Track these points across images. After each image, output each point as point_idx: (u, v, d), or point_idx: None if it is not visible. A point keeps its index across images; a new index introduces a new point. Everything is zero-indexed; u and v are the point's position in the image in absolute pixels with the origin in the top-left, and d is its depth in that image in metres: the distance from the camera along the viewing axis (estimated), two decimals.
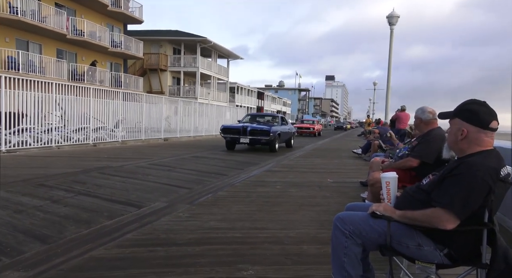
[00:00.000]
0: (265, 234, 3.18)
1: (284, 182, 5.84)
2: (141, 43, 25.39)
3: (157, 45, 29.89)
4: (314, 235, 3.18)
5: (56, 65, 18.28)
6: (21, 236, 2.87)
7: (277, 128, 10.95)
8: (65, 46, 20.05)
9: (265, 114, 13.95)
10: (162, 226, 3.29)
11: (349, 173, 7.23)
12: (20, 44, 17.42)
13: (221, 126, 11.06)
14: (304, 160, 9.32)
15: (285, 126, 12.28)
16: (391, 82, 14.48)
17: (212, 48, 31.90)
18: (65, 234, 2.98)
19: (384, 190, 1.98)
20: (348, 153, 11.72)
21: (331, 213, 3.86)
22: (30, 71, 16.34)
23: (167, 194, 4.65)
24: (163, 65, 29.06)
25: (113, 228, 3.19)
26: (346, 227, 1.80)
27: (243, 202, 4.34)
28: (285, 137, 12.07)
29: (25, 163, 6.92)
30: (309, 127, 23.87)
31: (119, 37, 23.16)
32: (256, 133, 10.51)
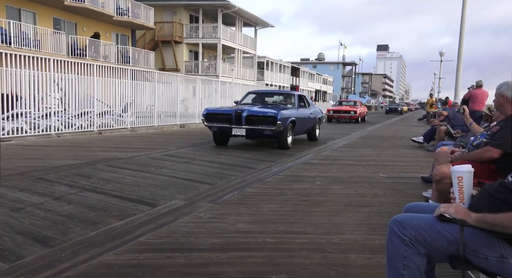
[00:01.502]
0: (303, 239, 3.20)
1: (325, 177, 5.83)
2: (152, 9, 25.77)
3: (171, 12, 30.21)
4: (363, 242, 3.17)
5: (53, 37, 18.94)
6: (19, 238, 3.04)
7: (290, 113, 8.97)
8: (63, 14, 20.70)
9: (275, 92, 12.16)
10: (180, 228, 3.37)
11: (407, 166, 7.13)
12: (11, 12, 18.16)
13: (204, 110, 9.11)
14: (349, 150, 9.24)
15: (304, 110, 10.21)
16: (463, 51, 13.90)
17: (237, 14, 31.83)
18: (70, 236, 3.12)
19: (455, 187, 1.93)
20: (405, 141, 11.48)
21: (385, 215, 3.84)
22: (23, 45, 17.04)
23: (185, 190, 4.76)
24: (177, 37, 29.38)
25: (124, 229, 3.31)
26: (406, 233, 1.78)
27: (275, 201, 4.38)
28: (305, 126, 10.16)
29: (21, 153, 7.29)
30: (349, 110, 22.31)
31: (126, 3, 23.61)
32: (255, 122, 8.50)
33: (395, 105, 49.60)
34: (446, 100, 14.04)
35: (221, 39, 29.95)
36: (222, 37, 30.00)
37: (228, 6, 29.47)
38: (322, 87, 67.95)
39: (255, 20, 34.81)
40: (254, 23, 35.50)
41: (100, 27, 22.69)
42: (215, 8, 29.70)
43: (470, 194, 1.90)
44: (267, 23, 35.88)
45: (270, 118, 8.41)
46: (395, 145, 10.76)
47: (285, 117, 8.62)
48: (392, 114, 40.83)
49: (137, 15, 24.44)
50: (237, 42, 32.73)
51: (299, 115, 9.53)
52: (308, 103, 10.91)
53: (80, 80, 11.11)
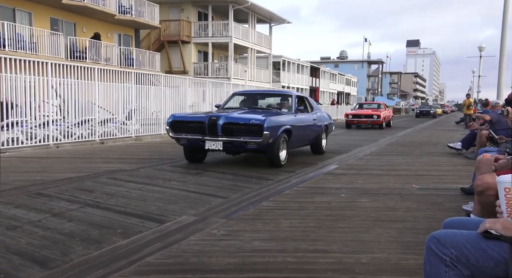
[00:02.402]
0: (328, 258, 3.17)
1: (351, 188, 5.81)
2: (157, 7, 26.15)
3: (177, 9, 30.60)
4: (396, 262, 3.13)
5: (51, 39, 19.36)
6: (16, 259, 3.08)
7: (284, 120, 7.73)
8: (60, 14, 21.16)
9: (267, 92, 10.97)
10: (191, 247, 3.38)
11: (443, 175, 7.06)
12: (5, 13, 18.63)
13: (170, 117, 7.98)
14: (377, 159, 9.18)
15: (305, 115, 9.03)
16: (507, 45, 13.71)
17: (249, 10, 32.08)
18: (71, 257, 3.15)
19: (502, 199, 1.91)
20: (441, 147, 11.35)
21: (420, 232, 3.80)
22: (18, 48, 17.45)
23: (196, 204, 4.78)
24: (185, 36, 29.72)
25: (129, 248, 3.33)
26: (446, 252, 1.76)
27: (296, 216, 4.37)
28: (306, 135, 8.95)
29: (17, 166, 7.43)
30: (370, 114, 21.02)
31: (129, 0, 24.01)
32: (235, 131, 7.19)
33: (427, 108, 48.06)
34: (486, 102, 13.83)
35: (233, 37, 30.17)
36: (233, 35, 30.22)
37: (240, 1, 29.70)
38: (345, 88, 67.79)
39: (269, 16, 35.00)
40: (269, 19, 35.70)
41: (101, 27, 23.11)
42: (225, 3, 29.96)
43: None
44: (283, 19, 36.05)
45: (255, 127, 7.04)
46: (429, 152, 10.65)
47: (276, 125, 7.30)
48: (424, 118, 39.84)
49: (141, 13, 24.83)
50: (250, 40, 32.93)
51: (297, 122, 8.27)
52: (312, 107, 9.74)
53: (80, 85, 11.30)
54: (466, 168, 7.59)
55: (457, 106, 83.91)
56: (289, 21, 36.64)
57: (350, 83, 70.83)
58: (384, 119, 21.26)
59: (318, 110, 10.11)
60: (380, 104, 24.13)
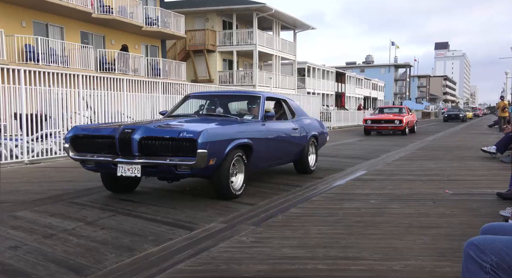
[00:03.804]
0: (359, 266, 3.14)
1: (380, 194, 5.73)
2: (182, 17, 26.56)
3: (202, 19, 31.01)
4: (431, 269, 3.06)
5: (81, 52, 19.90)
6: (52, 266, 3.15)
7: (236, 132, 5.54)
8: (90, 27, 21.74)
9: (229, 94, 8.42)
10: (221, 254, 3.40)
11: (478, 180, 6.90)
12: (39, 28, 19.27)
13: (70, 131, 5.61)
14: (408, 164, 9.02)
15: (279, 124, 6.95)
16: None
17: (273, 17, 32.23)
18: (104, 264, 3.21)
19: None
20: (474, 151, 11.07)
21: (455, 238, 3.71)
22: (51, 62, 18.00)
23: (225, 212, 4.81)
24: (210, 45, 30.06)
25: (160, 255, 3.37)
26: (486, 258, 1.71)
27: (325, 222, 4.34)
28: (283, 151, 6.89)
29: (51, 176, 7.63)
30: (392, 119, 19.28)
31: (155, 12, 24.49)
32: (159, 150, 5.02)
33: (456, 111, 44.34)
34: None
35: (257, 45, 30.33)
36: (258, 43, 30.38)
37: (264, 9, 29.87)
38: (371, 93, 67.11)
39: (293, 23, 35.05)
40: (293, 26, 35.75)
41: (129, 39, 23.61)
42: (250, 12, 30.19)
43: None
44: (307, 25, 36.04)
45: (186, 142, 4.83)
46: (462, 156, 10.40)
47: (221, 139, 5.09)
48: (453, 122, 37.78)
49: (167, 24, 25.25)
50: (274, 47, 33.03)
51: (264, 133, 6.17)
52: (293, 113, 7.56)
53: (109, 96, 11.55)
54: (501, 172, 7.39)
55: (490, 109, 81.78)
56: (313, 27, 36.58)
57: (376, 88, 70.06)
58: (407, 125, 19.56)
59: (304, 116, 8.00)
60: (402, 108, 22.36)
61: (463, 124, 34.04)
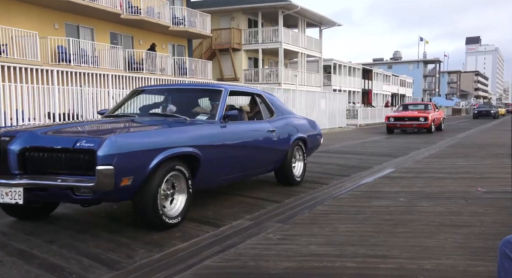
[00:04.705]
0: (389, 264, 3.10)
1: (410, 192, 5.63)
2: (208, 17, 26.71)
3: (228, 17, 31.12)
4: (463, 269, 3.00)
5: (111, 52, 20.28)
6: (85, 261, 3.25)
7: (186, 136, 4.36)
8: (119, 28, 22.13)
9: (184, 87, 6.58)
10: (248, 251, 3.42)
11: None
12: (70, 30, 19.74)
13: None
14: (438, 161, 8.83)
15: (245, 126, 5.56)
16: None
17: (299, 14, 32.04)
18: (135, 259, 3.29)
19: None
20: (507, 149, 10.75)
21: (488, 237, 3.62)
22: (82, 63, 18.41)
23: (251, 209, 4.83)
24: (236, 44, 30.14)
25: (188, 251, 3.42)
26: None
27: (353, 220, 4.30)
28: (253, 160, 5.46)
29: None
30: (416, 117, 18.23)
31: (182, 11, 24.71)
32: (48, 166, 3.64)
33: (487, 107, 41.82)
34: None
35: (283, 43, 30.24)
36: (283, 40, 30.28)
37: (290, 7, 29.75)
38: (399, 90, 65.97)
39: (319, 20, 34.77)
40: (319, 23, 35.46)
41: (156, 38, 23.90)
42: (275, 9, 30.11)
43: None
44: (333, 22, 35.68)
45: (83, 155, 3.52)
46: (495, 153, 10.11)
47: (137, 150, 3.71)
48: (485, 119, 35.87)
49: (193, 23, 25.44)
50: (300, 45, 32.86)
51: (221, 139, 4.74)
52: (271, 111, 6.14)
53: None
54: None
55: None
56: (339, 24, 36.19)
57: (404, 84, 68.83)
58: (433, 122, 18.44)
59: (288, 115, 6.54)
60: (428, 105, 21.04)
61: (495, 121, 33.02)
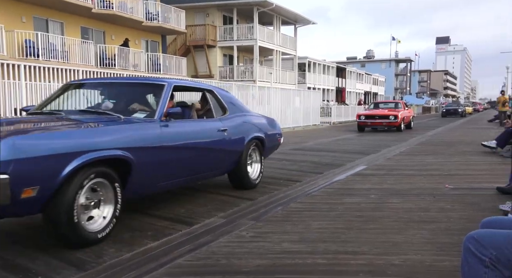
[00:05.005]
0: (359, 260, 3.14)
1: (380, 189, 5.72)
2: (183, 13, 26.46)
3: (203, 14, 30.92)
4: (430, 263, 3.07)
5: (81, 47, 19.84)
6: (53, 261, 3.16)
7: (115, 137, 3.75)
8: (90, 23, 21.68)
9: (122, 81, 5.74)
10: (221, 249, 3.40)
11: (478, 175, 6.88)
12: (39, 23, 19.21)
13: None
14: (408, 158, 9.00)
15: (196, 125, 5.13)
16: None
17: (274, 12, 32.12)
18: (104, 258, 3.22)
19: None
20: (475, 146, 11.04)
21: (455, 233, 3.71)
22: (51, 58, 17.96)
23: (224, 206, 4.80)
24: (210, 40, 29.99)
25: (160, 250, 3.37)
26: (486, 252, 1.71)
27: (325, 217, 4.33)
28: (203, 162, 5.00)
29: None
30: (387, 115, 18.46)
31: (155, 7, 24.40)
32: None
33: (454, 106, 42.42)
34: None
35: (258, 40, 30.25)
36: (258, 38, 30.30)
37: (265, 4, 29.79)
38: (372, 88, 66.99)
39: (294, 18, 34.94)
40: (294, 21, 35.64)
41: (129, 34, 23.53)
42: (250, 7, 30.10)
43: None
44: (308, 20, 35.92)
45: None
46: (463, 151, 10.38)
47: (45, 155, 3.13)
48: (453, 117, 36.49)
49: (167, 19, 25.17)
50: (275, 42, 32.94)
51: (159, 140, 4.18)
52: (223, 108, 5.60)
53: None
54: (501, 167, 7.35)
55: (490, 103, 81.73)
56: (314, 22, 36.45)
57: (377, 82, 69.93)
58: (403, 121, 18.70)
59: (244, 113, 6.01)
60: (398, 103, 21.34)
61: (463, 119, 33.91)
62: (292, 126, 21.25)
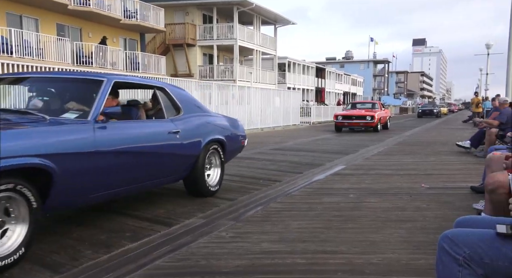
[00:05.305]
0: (338, 260, 3.17)
1: (359, 189, 5.79)
2: (162, 11, 26.24)
3: (182, 12, 30.72)
4: (406, 262, 3.13)
5: (57, 45, 19.46)
6: (27, 265, 3.09)
7: (32, 143, 3.10)
8: (67, 20, 21.30)
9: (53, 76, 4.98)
10: (200, 250, 3.39)
11: (453, 174, 7.01)
12: (12, 19, 18.77)
13: None
14: (385, 158, 9.13)
15: (140, 127, 4.55)
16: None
17: (254, 12, 32.14)
18: (81, 261, 3.16)
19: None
20: (450, 146, 11.28)
21: (430, 231, 3.78)
22: (25, 55, 17.57)
23: (204, 207, 4.78)
24: (190, 39, 29.82)
25: (139, 252, 3.34)
26: (459, 251, 1.75)
27: (304, 217, 4.36)
28: (150, 169, 4.45)
29: None
30: (363, 115, 18.52)
31: (134, 5, 24.12)
32: None
33: (430, 107, 43.05)
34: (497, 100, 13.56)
35: (238, 39, 30.23)
36: (238, 37, 30.28)
37: (245, 4, 29.78)
38: (351, 89, 67.68)
39: (274, 18, 35.02)
40: (274, 21, 35.72)
41: (107, 32, 23.22)
42: (230, 6, 30.05)
43: None
44: (287, 20, 36.05)
45: None
46: (438, 151, 10.58)
47: None
48: (428, 118, 37.04)
49: (146, 17, 24.93)
50: (255, 42, 32.97)
51: (92, 144, 3.61)
52: (177, 108, 5.05)
53: None
54: (475, 166, 7.53)
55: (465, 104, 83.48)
56: (294, 22, 36.61)
57: (356, 83, 70.68)
58: (379, 121, 18.75)
59: (201, 113, 5.50)
60: (375, 104, 21.43)
61: (438, 120, 34.48)
62: (272, 126, 21.31)
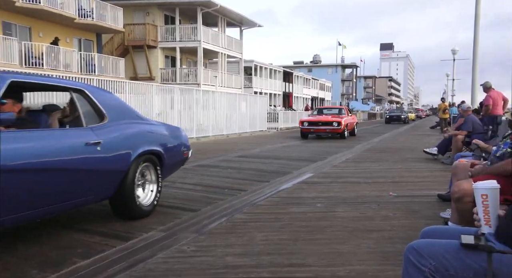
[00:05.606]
0: (304, 273, 3.18)
1: (326, 198, 5.83)
2: (120, 10, 25.88)
3: (143, 12, 30.39)
4: (374, 274, 3.17)
5: (3, 44, 18.83)
6: None
7: None
8: (15, 18, 20.67)
9: None
10: (159, 266, 3.32)
11: (420, 182, 7.17)
12: None
13: None
14: (354, 166, 9.27)
15: (45, 137, 3.81)
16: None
17: (219, 13, 32.15)
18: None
19: (479, 206, 1.94)
20: (417, 153, 11.56)
21: (398, 242, 3.85)
22: None
23: (164, 219, 4.71)
24: (151, 40, 29.51)
25: (90, 270, 3.24)
26: (425, 262, 1.79)
27: (270, 228, 4.36)
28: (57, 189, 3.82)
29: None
30: (330, 121, 18.45)
31: (89, 3, 23.69)
32: None
33: (398, 112, 44.10)
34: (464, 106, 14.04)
35: (202, 41, 30.14)
36: (202, 39, 30.19)
37: (209, 5, 29.74)
38: (319, 93, 68.57)
39: (240, 20, 35.15)
40: (239, 23, 35.84)
41: (60, 31, 22.67)
42: (193, 6, 29.95)
43: (496, 214, 1.90)
44: (254, 23, 36.26)
45: None
46: (406, 158, 10.83)
47: None
48: (396, 124, 37.85)
49: (103, 16, 24.52)
50: (220, 45, 32.96)
51: None
52: (100, 114, 4.47)
53: (35, 94, 11.02)
54: (442, 174, 7.72)
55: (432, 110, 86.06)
56: (260, 25, 36.86)
57: (324, 88, 71.68)
58: (346, 127, 18.76)
59: (133, 119, 4.98)
60: (342, 109, 21.50)
61: (406, 125, 35.39)
62: (238, 132, 21.32)
